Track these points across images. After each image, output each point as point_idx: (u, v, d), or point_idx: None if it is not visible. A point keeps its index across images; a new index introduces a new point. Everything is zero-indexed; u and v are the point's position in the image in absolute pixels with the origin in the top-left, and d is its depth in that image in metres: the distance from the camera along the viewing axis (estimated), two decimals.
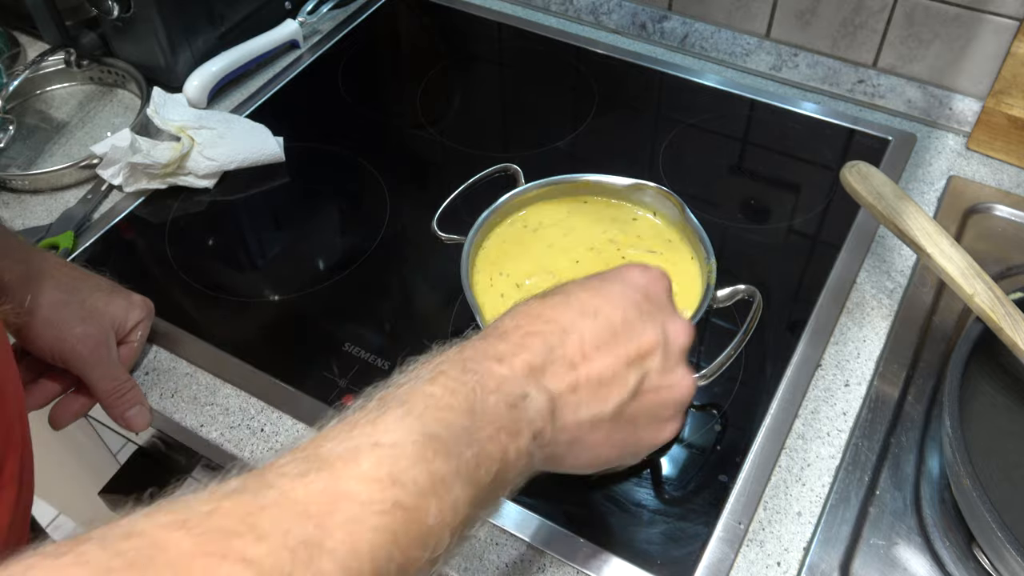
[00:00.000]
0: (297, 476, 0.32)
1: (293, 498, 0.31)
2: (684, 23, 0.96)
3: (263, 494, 0.31)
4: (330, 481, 0.32)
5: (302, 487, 0.31)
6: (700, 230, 0.63)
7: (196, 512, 0.30)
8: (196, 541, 0.28)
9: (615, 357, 0.42)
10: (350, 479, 0.32)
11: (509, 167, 0.69)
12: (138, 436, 0.75)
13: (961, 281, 0.60)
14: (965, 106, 0.85)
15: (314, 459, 0.33)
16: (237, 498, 0.31)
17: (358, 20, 1.04)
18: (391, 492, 0.32)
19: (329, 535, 0.30)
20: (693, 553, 0.56)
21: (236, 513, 0.30)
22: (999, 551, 0.51)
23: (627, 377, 0.43)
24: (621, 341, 0.42)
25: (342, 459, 0.33)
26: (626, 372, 0.42)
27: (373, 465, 0.33)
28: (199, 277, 0.76)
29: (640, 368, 0.43)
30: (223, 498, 0.30)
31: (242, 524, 0.29)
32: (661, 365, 0.44)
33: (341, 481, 0.32)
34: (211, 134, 0.83)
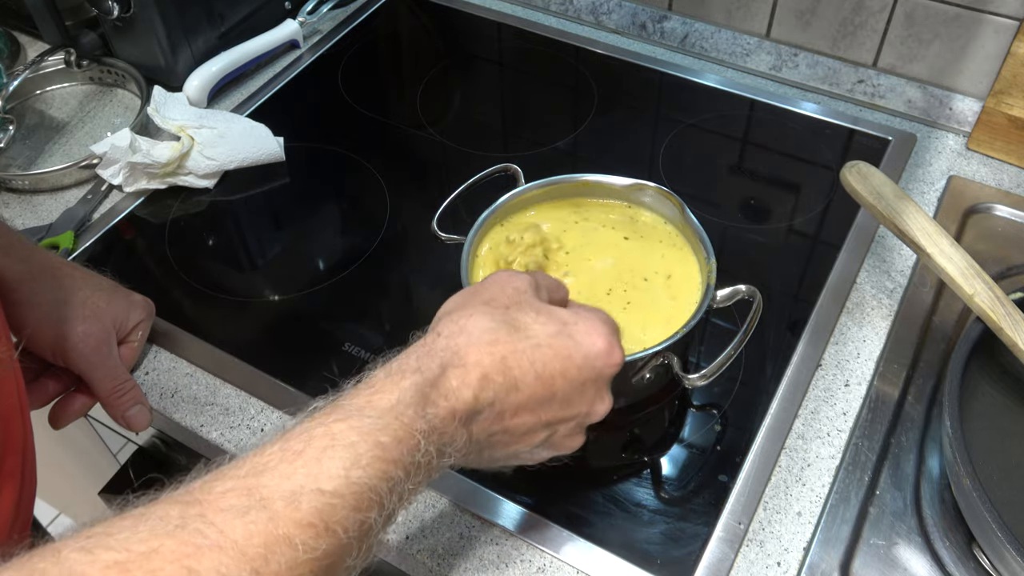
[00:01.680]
0: (238, 513, 0.33)
1: (232, 539, 0.32)
2: (684, 23, 0.96)
3: (203, 533, 0.32)
4: (270, 525, 0.33)
5: (241, 527, 0.32)
6: (700, 230, 0.63)
7: (136, 552, 0.30)
8: None
9: (537, 418, 0.45)
10: (290, 524, 0.33)
11: (509, 167, 0.69)
12: (138, 436, 0.75)
13: (961, 281, 0.60)
14: (965, 106, 0.85)
15: (255, 494, 0.34)
16: (178, 536, 0.31)
17: (358, 20, 1.04)
18: (324, 540, 0.34)
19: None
20: (693, 553, 0.56)
21: (176, 555, 0.31)
22: (999, 551, 0.51)
23: (538, 434, 0.46)
24: (551, 408, 0.45)
25: (284, 501, 0.34)
26: (540, 431, 0.46)
27: (311, 512, 0.34)
28: (199, 277, 0.76)
29: (552, 428, 0.47)
30: (164, 536, 0.31)
31: (182, 569, 0.30)
32: (570, 431, 0.48)
33: (280, 526, 0.33)
34: (211, 134, 0.83)
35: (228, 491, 0.34)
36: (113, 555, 0.30)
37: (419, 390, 0.40)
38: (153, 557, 0.30)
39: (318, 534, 0.34)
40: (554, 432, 0.47)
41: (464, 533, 0.58)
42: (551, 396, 0.45)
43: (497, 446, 0.45)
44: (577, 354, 0.45)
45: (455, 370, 0.42)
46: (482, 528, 0.58)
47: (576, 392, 0.46)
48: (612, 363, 0.46)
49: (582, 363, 0.45)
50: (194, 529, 0.32)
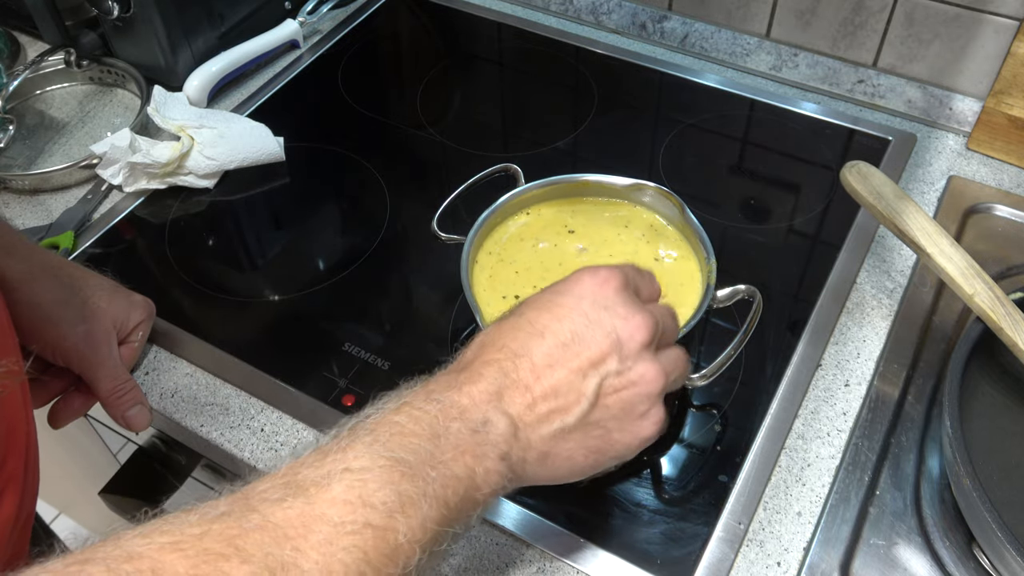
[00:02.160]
0: (276, 501, 0.35)
1: (273, 522, 0.34)
2: (684, 23, 0.96)
3: (247, 518, 0.34)
4: (305, 506, 0.35)
5: (280, 511, 0.34)
6: (700, 230, 0.63)
7: (188, 534, 0.33)
8: (190, 563, 0.31)
9: (567, 371, 0.43)
10: (323, 503, 0.35)
11: (509, 167, 0.69)
12: (138, 436, 0.74)
13: (961, 281, 0.60)
14: (965, 106, 0.85)
15: (291, 485, 0.36)
16: (224, 521, 0.34)
17: (358, 20, 1.04)
18: (361, 513, 0.35)
19: (305, 556, 0.33)
20: (693, 553, 0.56)
21: (224, 536, 0.33)
22: (999, 551, 0.51)
23: (583, 387, 0.43)
24: (571, 354, 0.43)
25: (316, 484, 0.36)
26: (581, 383, 0.43)
27: (344, 489, 0.36)
28: (199, 277, 0.76)
29: (596, 375, 0.43)
30: (212, 521, 0.34)
31: (229, 547, 0.33)
32: (618, 367, 0.44)
33: (315, 505, 0.35)
34: (211, 133, 0.83)
35: (269, 488, 0.36)
36: (167, 537, 0.32)
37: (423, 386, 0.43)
38: (204, 537, 0.33)
39: (354, 509, 0.35)
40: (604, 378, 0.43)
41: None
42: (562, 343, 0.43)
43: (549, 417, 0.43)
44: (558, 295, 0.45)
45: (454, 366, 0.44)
46: (482, 528, 0.58)
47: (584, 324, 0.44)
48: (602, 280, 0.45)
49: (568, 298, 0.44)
50: (240, 514, 0.34)
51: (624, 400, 0.44)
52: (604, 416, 0.44)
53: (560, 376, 0.43)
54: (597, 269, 0.46)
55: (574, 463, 0.45)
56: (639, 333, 0.44)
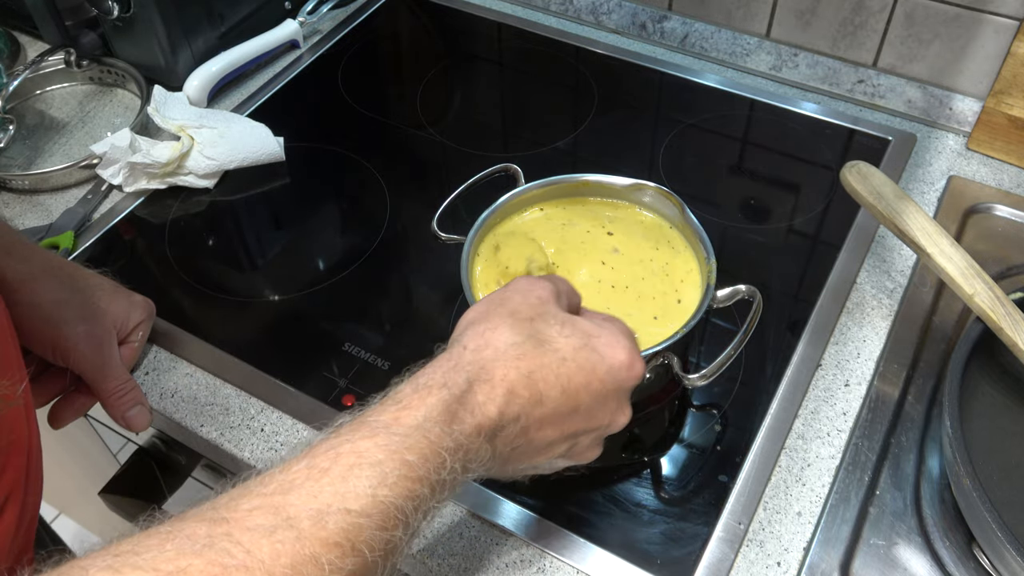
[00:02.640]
0: (265, 532, 0.33)
1: (259, 558, 0.32)
2: (684, 23, 0.96)
3: (230, 553, 0.32)
4: (296, 543, 0.33)
5: (268, 545, 0.33)
6: (700, 230, 0.63)
7: (163, 572, 0.30)
8: None
9: (561, 431, 0.46)
10: (316, 543, 0.34)
11: (509, 167, 0.69)
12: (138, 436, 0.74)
13: (961, 281, 0.60)
14: (965, 106, 0.85)
15: (282, 513, 0.34)
16: (205, 556, 0.31)
17: (358, 20, 1.04)
18: (350, 559, 0.34)
19: None
20: (693, 553, 0.56)
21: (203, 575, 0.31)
22: (999, 551, 0.51)
23: (560, 446, 0.47)
24: (574, 421, 0.46)
25: (311, 520, 0.34)
26: (561, 443, 0.46)
27: (338, 532, 0.34)
28: (199, 277, 0.76)
29: (573, 440, 0.47)
30: (191, 555, 0.31)
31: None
32: (591, 442, 0.48)
33: (306, 544, 0.33)
34: (211, 133, 0.83)
35: (255, 509, 0.34)
36: (140, 574, 0.30)
37: (446, 406, 0.40)
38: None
39: (344, 553, 0.34)
40: (575, 444, 0.47)
41: (464, 533, 0.58)
42: (575, 409, 0.45)
43: (519, 459, 0.45)
44: (601, 367, 0.45)
45: (482, 385, 0.42)
46: (482, 528, 0.58)
47: (599, 404, 0.46)
48: (634, 375, 0.47)
49: (605, 376, 0.45)
50: (222, 548, 0.32)
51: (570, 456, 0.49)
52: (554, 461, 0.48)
53: (552, 435, 0.45)
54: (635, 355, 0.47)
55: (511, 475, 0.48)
56: (621, 426, 0.49)
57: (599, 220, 0.67)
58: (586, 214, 0.68)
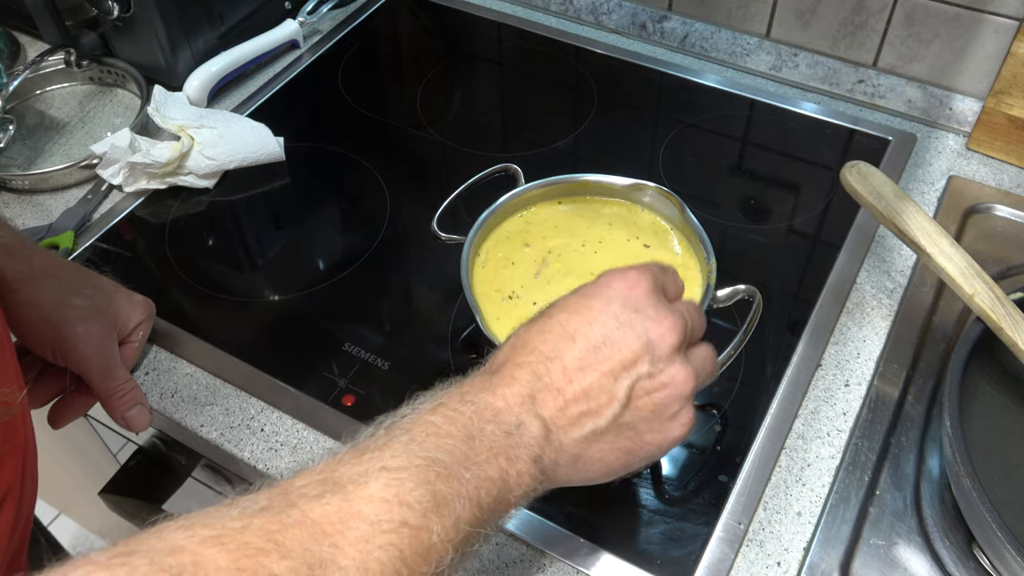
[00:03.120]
0: (315, 497, 0.35)
1: (312, 518, 0.34)
2: (684, 23, 0.96)
3: (287, 513, 0.34)
4: (343, 503, 0.35)
5: (319, 507, 0.35)
6: (700, 230, 0.63)
7: (229, 528, 0.33)
8: (231, 556, 0.32)
9: (599, 374, 0.43)
10: (361, 500, 0.36)
11: (509, 167, 0.69)
12: (138, 436, 0.74)
13: (961, 281, 0.60)
14: (965, 106, 0.85)
15: (329, 482, 0.36)
16: (264, 516, 0.34)
17: (358, 20, 1.04)
18: (398, 512, 0.36)
19: (342, 552, 0.34)
20: (693, 553, 0.56)
21: (264, 531, 0.33)
22: (999, 551, 0.51)
23: (615, 389, 0.43)
24: (603, 357, 0.44)
25: (353, 482, 0.36)
26: (613, 385, 0.43)
27: (381, 487, 0.36)
28: (199, 277, 0.76)
29: (628, 377, 0.44)
30: (253, 515, 0.34)
31: (269, 542, 0.33)
32: (650, 369, 0.44)
33: (353, 502, 0.35)
34: (211, 133, 0.83)
35: (307, 484, 0.37)
36: (209, 531, 0.33)
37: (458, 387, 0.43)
38: (244, 531, 0.33)
39: (391, 507, 0.36)
40: (636, 381, 0.44)
41: None
42: (594, 346, 0.43)
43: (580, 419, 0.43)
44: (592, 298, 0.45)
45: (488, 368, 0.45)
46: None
47: (615, 328, 0.44)
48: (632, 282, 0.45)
49: (602, 303, 0.44)
50: (279, 509, 0.35)
51: (655, 402, 0.45)
52: (635, 418, 0.44)
53: (591, 379, 0.43)
54: (626, 271, 0.46)
55: (605, 464, 0.45)
56: (670, 335, 0.45)
57: (599, 220, 0.67)
58: (586, 214, 0.68)
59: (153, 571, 0.30)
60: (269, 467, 0.62)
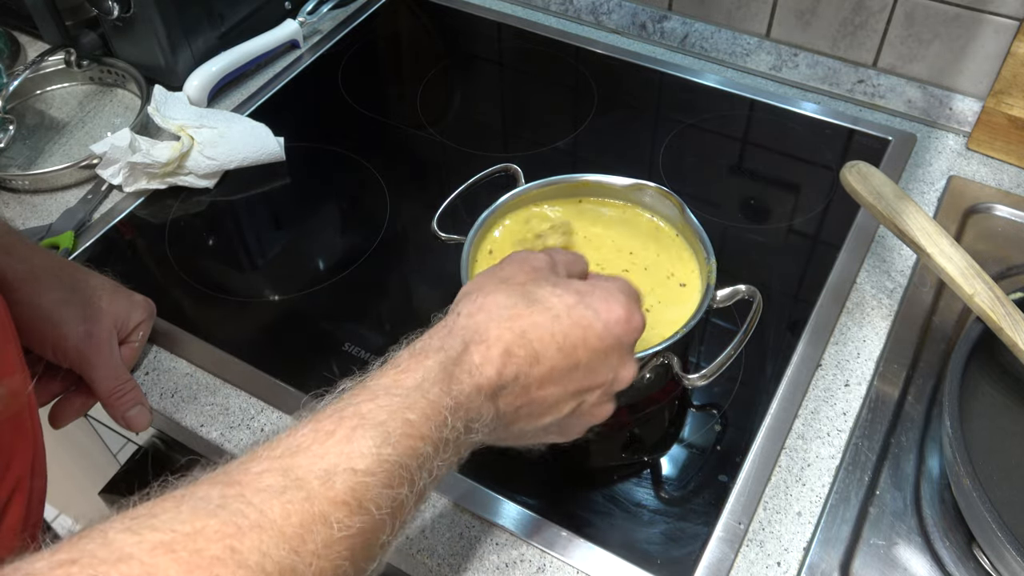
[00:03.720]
0: (275, 493, 0.34)
1: (271, 518, 0.33)
2: (684, 23, 0.96)
3: (243, 514, 0.33)
4: (306, 503, 0.34)
5: (279, 506, 0.34)
6: (700, 230, 0.63)
7: (180, 533, 0.31)
8: (183, 568, 0.30)
9: (563, 389, 0.45)
10: (324, 502, 0.34)
11: (509, 167, 0.69)
12: (138, 436, 0.74)
13: (961, 281, 0.60)
14: (965, 106, 0.85)
15: (291, 474, 0.35)
16: (219, 516, 0.32)
17: (358, 20, 1.04)
18: (358, 518, 0.35)
19: (303, 561, 0.33)
20: (693, 553, 0.56)
21: (220, 535, 0.32)
22: (999, 551, 0.51)
23: (566, 405, 0.46)
24: (576, 378, 0.46)
25: (318, 480, 0.35)
26: (567, 401, 0.46)
27: (345, 491, 0.35)
28: (199, 277, 0.76)
29: (579, 398, 0.47)
30: (206, 516, 0.32)
31: (225, 549, 0.31)
32: (598, 399, 0.48)
33: (316, 504, 0.34)
34: (211, 133, 0.83)
35: (264, 471, 0.35)
36: (159, 535, 0.31)
37: (443, 368, 0.41)
38: (197, 537, 0.31)
39: (352, 512, 0.35)
40: (582, 402, 0.47)
41: (464, 533, 0.58)
42: (574, 366, 0.45)
43: (525, 419, 0.45)
44: (596, 323, 0.45)
45: (477, 347, 0.43)
46: (482, 528, 0.58)
47: (599, 360, 0.46)
48: (632, 328, 0.47)
49: (602, 331, 0.46)
50: (235, 509, 0.33)
51: (581, 420, 0.49)
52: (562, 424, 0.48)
53: (555, 392, 0.45)
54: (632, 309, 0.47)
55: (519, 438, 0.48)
56: (627, 380, 0.48)
57: (599, 220, 0.67)
58: (586, 214, 0.68)
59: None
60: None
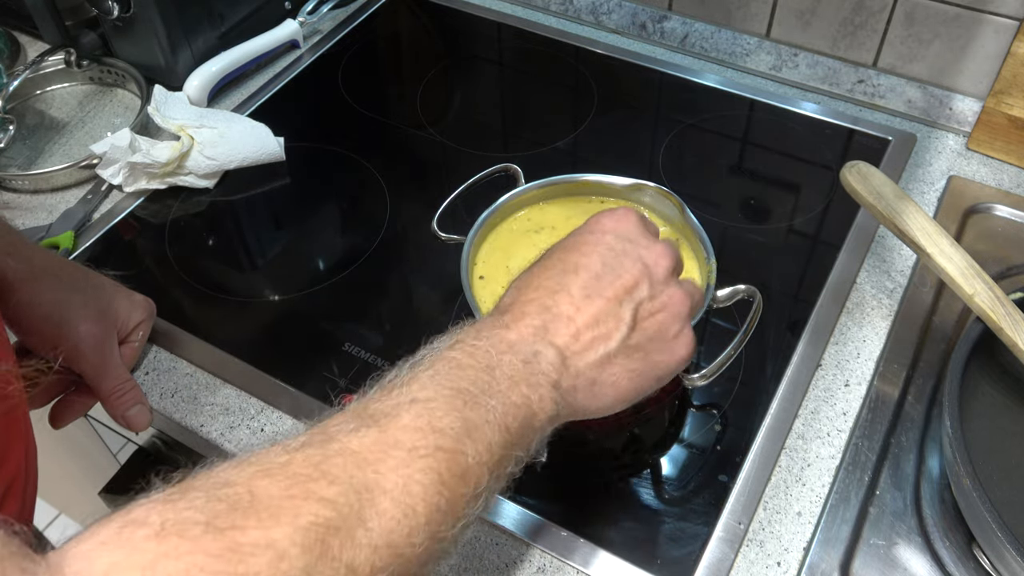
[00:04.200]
0: (352, 432, 0.38)
1: (352, 448, 0.37)
2: (684, 23, 0.96)
3: (327, 447, 0.37)
4: (379, 434, 0.38)
5: (356, 440, 0.37)
6: (700, 230, 0.63)
7: (275, 463, 0.35)
8: (281, 486, 0.34)
9: (604, 299, 0.46)
10: (395, 430, 0.38)
11: (509, 167, 0.69)
12: (138, 436, 0.75)
13: (961, 281, 0.60)
14: (965, 106, 0.85)
15: (363, 417, 0.39)
16: (306, 450, 0.36)
17: (358, 20, 1.04)
18: (432, 438, 0.38)
19: (385, 477, 0.36)
20: (693, 553, 0.56)
21: (309, 462, 0.35)
22: (999, 551, 0.51)
23: (621, 313, 0.46)
24: (605, 284, 0.46)
25: (386, 415, 0.38)
26: (619, 309, 0.46)
27: (413, 417, 0.38)
28: (199, 277, 0.76)
29: (631, 301, 0.47)
30: (295, 451, 0.36)
31: (316, 471, 0.35)
32: (650, 292, 0.47)
33: (388, 433, 0.38)
34: (212, 133, 0.83)
35: (342, 422, 0.38)
36: (256, 467, 0.35)
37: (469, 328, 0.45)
38: (290, 465, 0.35)
39: (424, 435, 0.38)
40: (639, 304, 0.47)
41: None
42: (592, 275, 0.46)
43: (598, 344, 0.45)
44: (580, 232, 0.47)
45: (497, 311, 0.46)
46: (482, 528, 0.58)
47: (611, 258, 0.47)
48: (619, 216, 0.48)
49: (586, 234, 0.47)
50: (319, 444, 0.37)
51: (659, 322, 0.48)
52: (642, 339, 0.47)
53: (598, 305, 0.46)
54: (612, 209, 0.50)
55: (619, 388, 0.47)
56: (663, 259, 0.49)
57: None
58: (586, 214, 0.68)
59: (210, 502, 0.33)
60: None
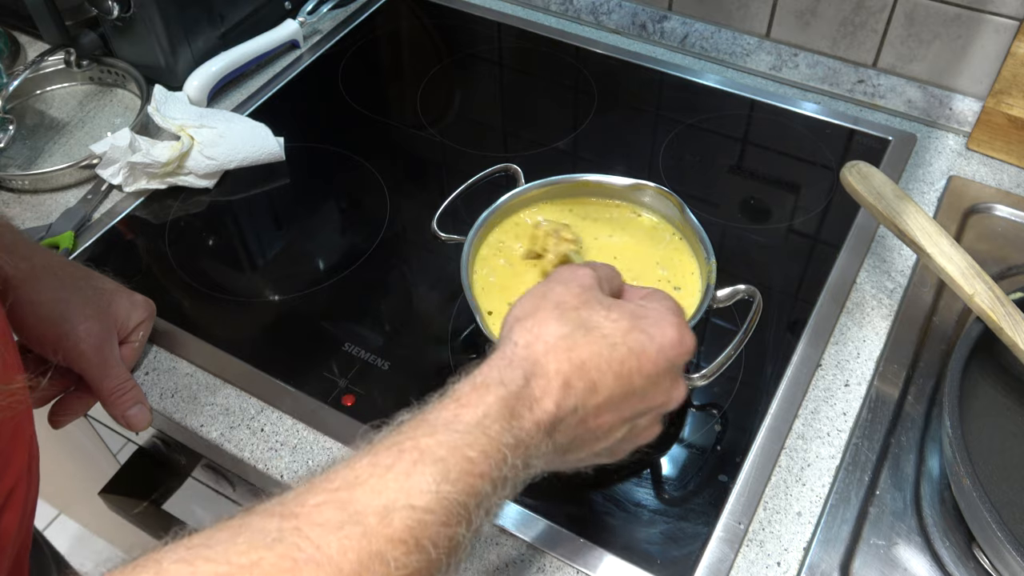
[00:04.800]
0: (333, 528, 0.34)
1: (328, 554, 0.33)
2: (684, 23, 0.96)
3: (300, 547, 0.32)
4: (363, 540, 0.34)
5: (336, 541, 0.33)
6: (700, 230, 0.63)
7: (236, 564, 0.31)
8: None
9: (619, 415, 0.45)
10: (382, 539, 0.34)
11: (509, 167, 0.69)
12: (138, 436, 0.74)
13: (961, 281, 0.60)
14: (965, 106, 0.85)
15: (349, 508, 0.35)
16: (275, 550, 0.32)
17: (358, 20, 1.04)
18: (415, 557, 0.35)
19: None
20: (693, 553, 0.56)
21: (275, 568, 0.31)
22: (999, 551, 0.51)
23: (619, 430, 0.46)
24: (631, 404, 0.45)
25: (376, 515, 0.34)
26: (621, 426, 0.46)
27: (403, 528, 0.35)
28: (199, 277, 0.76)
29: (632, 422, 0.47)
30: (262, 548, 0.32)
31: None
32: (648, 421, 0.48)
33: (373, 541, 0.34)
34: (211, 133, 0.83)
35: (322, 504, 0.35)
36: (213, 567, 0.31)
37: (504, 403, 0.41)
38: (253, 570, 0.31)
39: (409, 550, 0.34)
40: (633, 426, 0.47)
41: None
42: (630, 393, 0.45)
43: (579, 448, 0.45)
44: (651, 347, 0.45)
45: (537, 380, 0.42)
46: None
47: (652, 385, 0.46)
48: (685, 351, 0.47)
49: (656, 356, 0.45)
50: (291, 543, 0.33)
51: (631, 441, 0.48)
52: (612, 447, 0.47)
53: (610, 419, 0.45)
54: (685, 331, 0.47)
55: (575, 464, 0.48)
56: (678, 402, 0.48)
57: (599, 220, 0.67)
58: (586, 214, 0.68)
59: None
60: (269, 467, 0.62)
